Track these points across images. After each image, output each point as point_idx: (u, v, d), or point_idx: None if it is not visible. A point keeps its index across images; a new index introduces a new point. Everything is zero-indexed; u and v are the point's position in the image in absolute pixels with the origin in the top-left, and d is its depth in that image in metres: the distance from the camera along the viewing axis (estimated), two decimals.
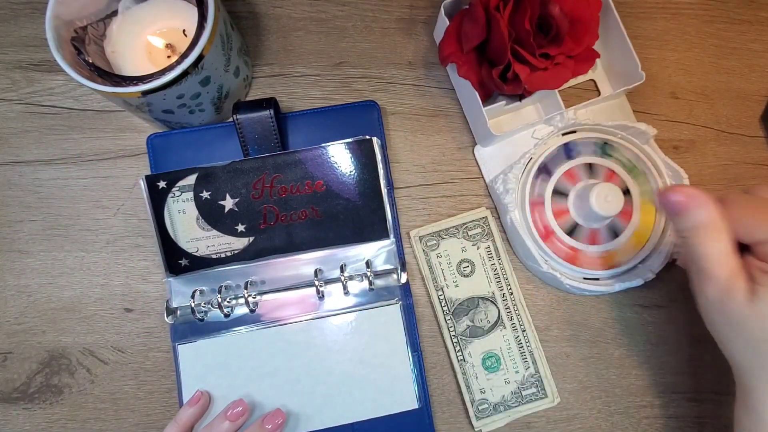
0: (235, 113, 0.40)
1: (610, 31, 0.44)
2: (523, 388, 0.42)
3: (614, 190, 0.41)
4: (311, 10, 0.47)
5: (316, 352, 0.41)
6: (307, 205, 0.41)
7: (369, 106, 0.44)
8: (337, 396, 0.41)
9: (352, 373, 0.41)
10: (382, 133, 0.44)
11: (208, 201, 0.41)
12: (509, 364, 0.43)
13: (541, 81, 0.40)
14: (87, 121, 0.45)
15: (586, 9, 0.39)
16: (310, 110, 0.44)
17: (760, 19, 0.49)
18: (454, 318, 0.43)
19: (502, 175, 0.43)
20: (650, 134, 0.43)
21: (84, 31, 0.38)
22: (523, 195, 0.43)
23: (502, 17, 0.38)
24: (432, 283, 0.43)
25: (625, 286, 0.42)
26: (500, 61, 0.39)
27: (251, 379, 0.41)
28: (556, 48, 0.39)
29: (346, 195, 0.41)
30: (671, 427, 0.44)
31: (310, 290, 0.42)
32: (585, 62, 0.41)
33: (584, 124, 0.44)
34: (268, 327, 0.41)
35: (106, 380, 0.43)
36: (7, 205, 0.44)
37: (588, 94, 0.47)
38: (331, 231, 0.42)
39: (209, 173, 0.41)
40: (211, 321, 0.41)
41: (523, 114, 0.46)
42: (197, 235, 0.41)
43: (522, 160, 0.43)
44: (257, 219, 0.41)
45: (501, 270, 0.44)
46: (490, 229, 0.44)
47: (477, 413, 0.42)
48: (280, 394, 0.41)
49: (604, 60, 0.47)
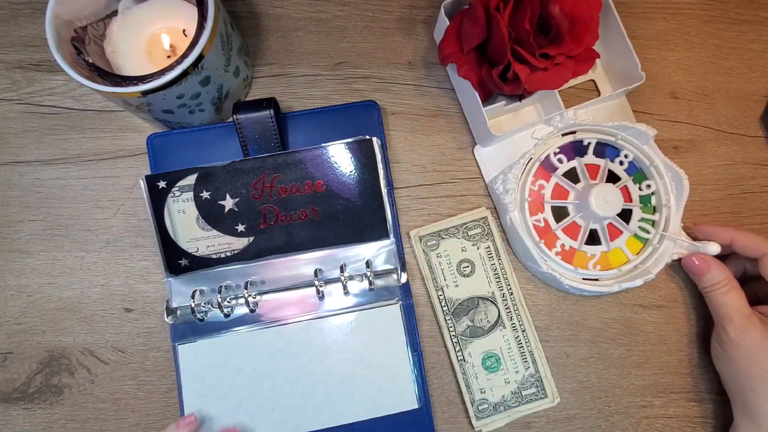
0: (235, 113, 0.40)
1: (610, 31, 0.44)
2: (523, 388, 0.42)
3: (614, 191, 0.41)
4: (311, 10, 0.47)
5: (316, 352, 0.41)
6: (307, 205, 0.41)
7: (369, 105, 0.44)
8: (337, 396, 0.41)
9: (352, 373, 0.41)
10: (381, 133, 0.44)
11: (208, 201, 0.41)
12: (509, 364, 0.43)
13: (541, 81, 0.40)
14: (87, 121, 0.45)
15: (586, 9, 0.39)
16: (309, 110, 0.44)
17: (760, 19, 0.49)
18: (454, 318, 0.43)
19: (501, 175, 0.43)
20: (650, 135, 0.43)
21: (84, 31, 0.38)
22: (523, 195, 0.43)
23: (502, 17, 0.38)
24: (432, 283, 0.43)
25: (625, 286, 0.42)
26: (500, 61, 0.39)
27: (251, 379, 0.41)
28: (556, 48, 0.39)
29: (346, 195, 0.41)
30: (671, 427, 0.44)
31: (310, 290, 0.42)
32: (585, 62, 0.41)
33: (584, 124, 0.43)
34: (268, 327, 0.41)
35: (106, 380, 0.43)
36: (7, 205, 0.44)
37: (588, 94, 0.47)
38: (331, 231, 0.42)
39: (209, 173, 0.41)
40: (211, 321, 0.41)
41: (523, 114, 0.46)
42: (197, 235, 0.41)
43: (522, 160, 0.43)
44: (257, 219, 0.41)
45: (501, 270, 0.44)
46: (490, 229, 0.44)
47: (477, 413, 0.42)
48: (280, 394, 0.41)
49: (604, 60, 0.47)
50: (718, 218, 0.47)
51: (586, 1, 0.39)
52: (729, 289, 0.40)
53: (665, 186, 0.43)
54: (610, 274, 0.43)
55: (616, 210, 0.41)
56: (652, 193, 0.44)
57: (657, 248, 0.43)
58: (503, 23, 0.38)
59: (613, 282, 0.42)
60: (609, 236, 0.43)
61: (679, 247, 0.43)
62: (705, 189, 0.47)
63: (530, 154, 0.43)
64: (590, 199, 0.41)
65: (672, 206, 0.43)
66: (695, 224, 0.44)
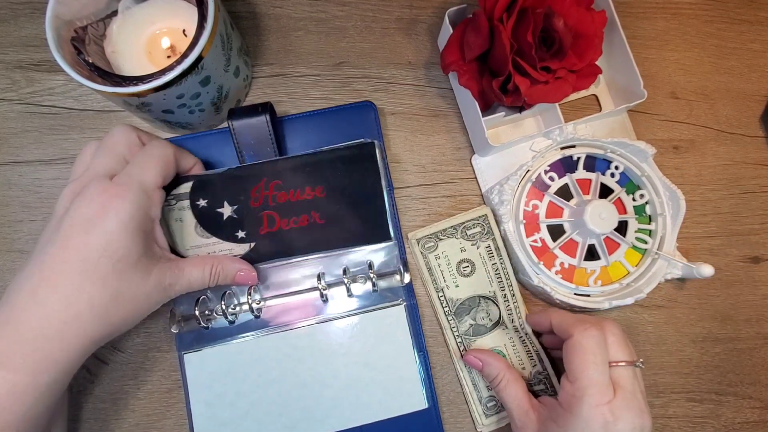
0: (230, 119, 0.40)
1: (614, 47, 0.44)
2: (531, 384, 0.42)
3: (608, 206, 0.41)
4: (311, 10, 0.47)
5: (321, 356, 0.41)
6: (308, 210, 0.41)
7: (366, 106, 0.44)
8: (345, 399, 0.41)
9: (358, 376, 0.41)
10: (379, 134, 0.44)
11: (205, 209, 0.40)
12: (515, 361, 0.43)
13: (541, 94, 0.39)
14: (87, 121, 0.45)
15: (591, 24, 0.39)
16: (306, 113, 0.44)
17: (760, 19, 0.49)
18: (456, 318, 0.43)
19: (498, 185, 0.43)
20: (649, 153, 0.42)
21: (84, 31, 0.38)
22: (518, 207, 0.43)
23: (504, 28, 0.37)
24: (432, 285, 0.43)
25: (616, 304, 0.41)
26: (501, 72, 0.39)
27: (258, 385, 0.41)
28: (557, 62, 0.39)
29: (347, 199, 0.41)
30: (671, 427, 0.44)
31: (314, 294, 0.42)
32: (587, 77, 0.41)
33: (583, 139, 0.43)
34: (273, 333, 0.41)
35: (106, 380, 0.43)
36: (7, 205, 0.44)
37: (590, 108, 0.47)
38: (332, 235, 0.41)
39: (205, 181, 0.40)
40: (217, 328, 0.41)
41: (522, 125, 0.46)
42: (197, 243, 0.40)
43: (519, 171, 0.43)
44: (257, 225, 0.41)
45: (502, 268, 0.43)
46: (491, 228, 0.44)
47: (486, 410, 0.42)
48: (288, 399, 0.41)
49: (607, 76, 0.46)
50: (718, 218, 0.47)
51: (591, 16, 0.39)
52: (506, 383, 0.39)
53: (662, 205, 0.43)
54: (601, 290, 0.42)
55: (613, 225, 0.41)
56: (646, 203, 0.44)
57: (650, 267, 0.43)
58: (505, 34, 0.37)
59: (603, 299, 0.42)
60: (607, 250, 0.43)
61: (673, 267, 0.42)
62: (705, 189, 0.47)
63: (527, 166, 0.43)
64: (585, 218, 0.41)
65: (668, 226, 0.43)
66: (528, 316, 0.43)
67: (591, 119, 0.44)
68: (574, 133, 0.43)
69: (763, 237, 0.47)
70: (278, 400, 0.41)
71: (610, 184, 0.44)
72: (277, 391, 0.41)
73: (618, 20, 0.43)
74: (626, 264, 0.43)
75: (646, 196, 0.43)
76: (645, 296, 0.41)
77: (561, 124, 0.43)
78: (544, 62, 0.38)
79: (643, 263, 0.43)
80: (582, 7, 0.39)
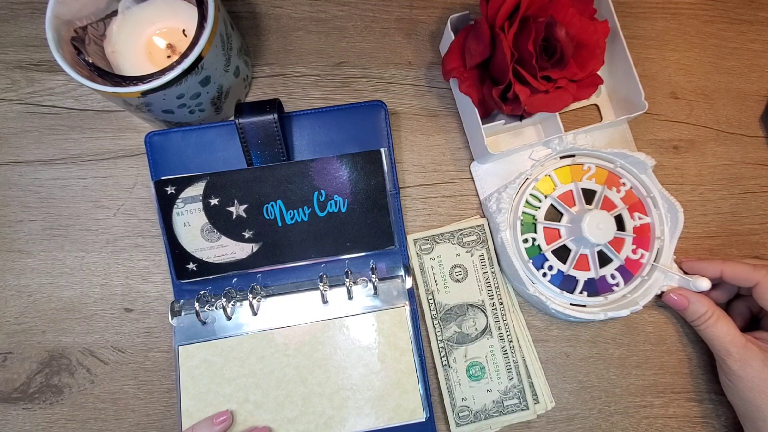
0: (238, 117, 0.40)
1: (616, 57, 0.44)
2: (505, 398, 0.42)
3: (607, 218, 0.40)
4: (311, 10, 0.47)
5: (320, 356, 0.41)
6: (314, 215, 0.41)
7: (376, 106, 0.43)
8: (340, 405, 0.41)
9: (355, 380, 0.41)
10: (389, 134, 0.43)
11: (216, 207, 0.41)
12: (493, 373, 0.42)
13: (541, 103, 0.39)
14: (87, 121, 0.45)
15: (593, 34, 0.39)
16: (314, 110, 0.43)
17: (760, 19, 0.49)
18: (442, 323, 0.43)
19: (496, 193, 0.43)
20: (649, 164, 0.42)
21: (84, 31, 0.38)
22: (516, 216, 0.42)
23: (506, 37, 0.37)
24: (423, 286, 0.43)
25: (612, 315, 0.41)
26: (502, 80, 0.39)
27: (251, 382, 0.41)
28: (558, 71, 0.39)
29: (353, 204, 0.41)
30: (671, 427, 0.44)
31: (314, 295, 0.42)
32: (587, 87, 0.41)
33: (582, 149, 0.43)
34: (270, 330, 0.41)
35: (106, 380, 0.43)
36: (7, 205, 0.44)
37: (590, 118, 0.47)
38: (337, 239, 0.42)
39: (219, 180, 0.41)
40: (215, 323, 0.41)
41: (522, 134, 0.46)
42: (202, 246, 0.41)
43: (517, 180, 0.42)
44: (264, 226, 0.41)
45: (493, 279, 0.43)
46: (486, 238, 0.44)
47: (457, 419, 0.42)
48: (281, 400, 0.41)
49: (608, 86, 0.46)
50: (718, 218, 0.47)
51: (593, 27, 0.39)
52: (716, 319, 0.39)
53: (660, 217, 0.43)
54: (596, 301, 0.42)
55: (608, 238, 0.40)
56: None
57: (646, 279, 0.42)
58: (506, 43, 0.37)
59: (599, 310, 0.41)
60: (599, 264, 0.43)
61: (669, 279, 0.42)
62: (705, 189, 0.47)
63: (526, 175, 0.43)
64: (582, 225, 0.40)
65: (665, 238, 0.43)
66: (682, 260, 0.43)
67: (591, 129, 0.44)
68: (573, 142, 0.43)
69: (763, 237, 0.47)
70: (270, 400, 0.40)
71: (614, 199, 0.43)
72: (269, 391, 0.41)
73: (621, 30, 0.42)
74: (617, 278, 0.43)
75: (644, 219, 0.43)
76: (641, 308, 0.41)
77: (561, 133, 0.42)
78: (545, 71, 0.38)
79: (632, 282, 0.42)
80: (585, 16, 0.39)
